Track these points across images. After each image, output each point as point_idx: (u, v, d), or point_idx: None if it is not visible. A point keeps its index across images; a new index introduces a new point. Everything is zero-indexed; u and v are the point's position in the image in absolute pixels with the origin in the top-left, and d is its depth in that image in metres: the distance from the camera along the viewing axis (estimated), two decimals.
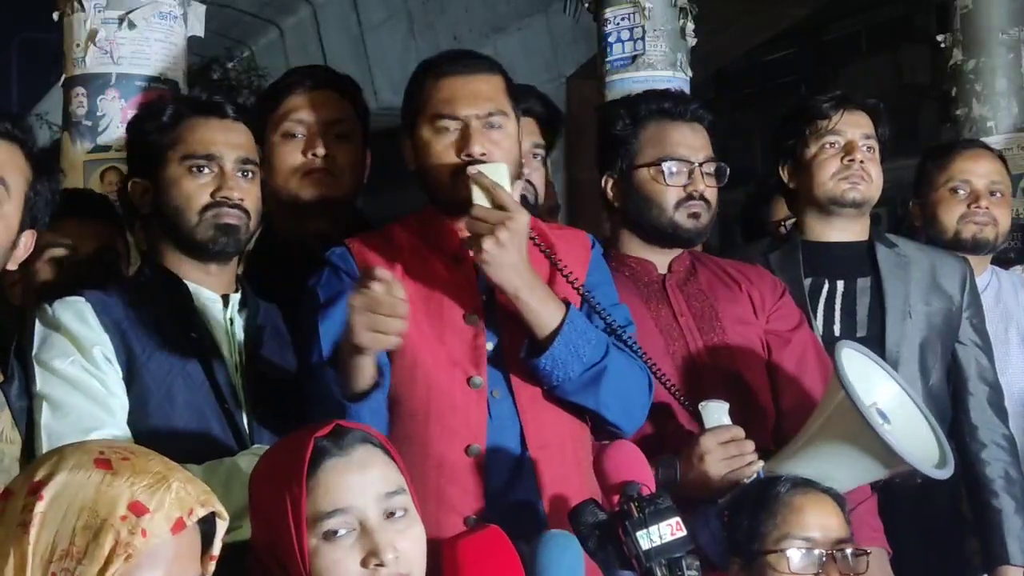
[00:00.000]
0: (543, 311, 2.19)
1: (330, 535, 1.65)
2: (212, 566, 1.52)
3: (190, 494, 1.46)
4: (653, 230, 2.56)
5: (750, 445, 2.32)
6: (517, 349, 2.23)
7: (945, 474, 2.26)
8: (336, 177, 2.60)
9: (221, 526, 1.51)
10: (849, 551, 2.09)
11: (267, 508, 1.70)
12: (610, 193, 2.61)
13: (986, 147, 3.42)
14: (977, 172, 3.25)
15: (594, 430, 2.35)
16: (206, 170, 2.20)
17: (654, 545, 1.88)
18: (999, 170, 3.29)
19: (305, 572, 1.65)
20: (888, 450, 2.17)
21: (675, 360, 2.48)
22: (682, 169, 2.53)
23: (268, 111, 2.64)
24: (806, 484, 2.15)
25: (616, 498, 1.99)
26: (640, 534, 1.89)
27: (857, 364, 2.30)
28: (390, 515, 1.69)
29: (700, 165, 2.53)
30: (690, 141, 2.55)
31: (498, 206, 2.14)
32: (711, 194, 2.55)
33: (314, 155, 2.58)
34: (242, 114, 2.29)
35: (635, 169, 2.56)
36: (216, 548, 1.52)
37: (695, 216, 2.53)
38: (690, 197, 2.52)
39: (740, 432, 2.33)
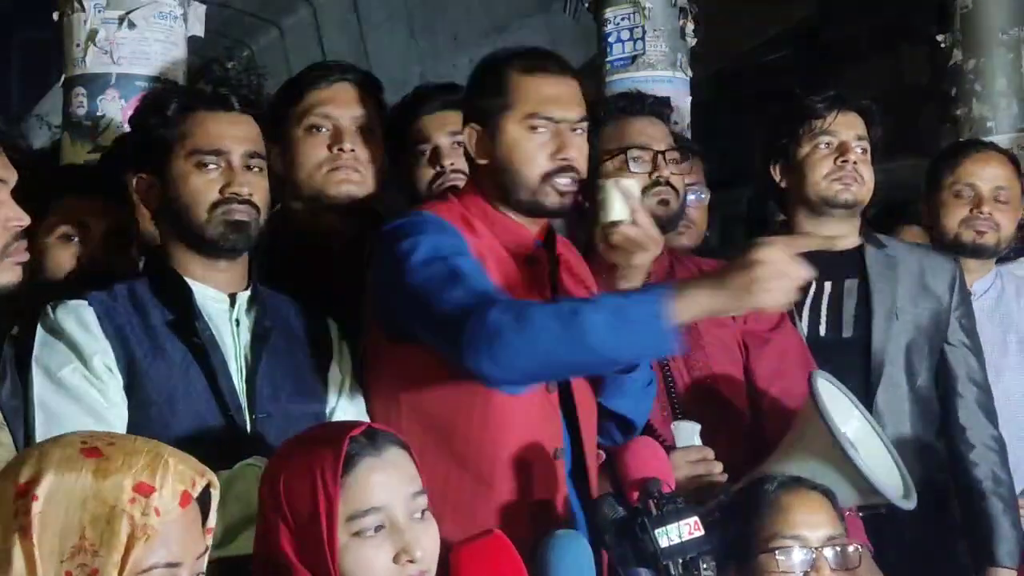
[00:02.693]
0: None
1: (363, 532, 1.69)
2: (209, 539, 1.53)
3: (188, 467, 1.47)
4: None
5: (718, 466, 2.35)
6: None
7: (910, 505, 2.28)
8: (362, 173, 2.58)
9: (215, 496, 1.52)
10: (840, 547, 2.09)
11: (294, 505, 1.71)
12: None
13: (998, 150, 3.41)
14: (983, 176, 3.24)
15: None
16: (214, 165, 2.16)
17: (671, 544, 1.90)
18: (1007, 175, 3.27)
19: (334, 568, 1.67)
20: (864, 480, 2.19)
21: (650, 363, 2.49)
22: (644, 157, 2.57)
23: (289, 105, 2.61)
24: (794, 482, 2.15)
25: (636, 494, 1.99)
26: (658, 532, 1.90)
27: (829, 394, 2.32)
28: (416, 514, 1.74)
29: (663, 153, 2.56)
30: (650, 132, 2.61)
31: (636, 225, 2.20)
32: (677, 181, 2.60)
33: (340, 150, 2.55)
34: (248, 106, 2.24)
35: (600, 164, 2.57)
36: (212, 520, 1.52)
37: (664, 203, 2.56)
38: (656, 183, 2.54)
39: (710, 453, 2.36)
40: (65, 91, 3.26)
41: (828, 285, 2.86)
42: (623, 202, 2.20)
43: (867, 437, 2.38)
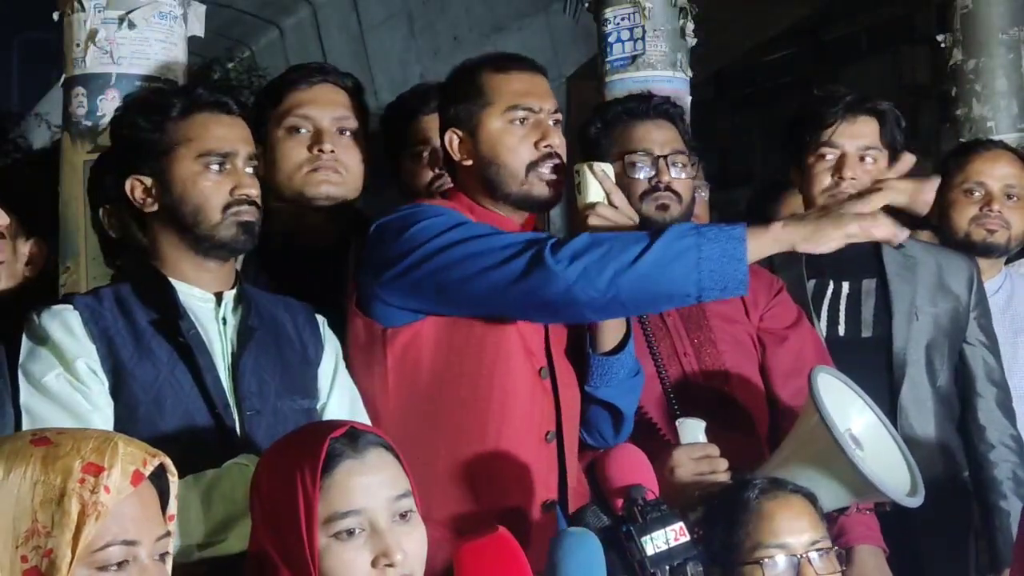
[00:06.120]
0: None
1: (342, 535, 1.69)
2: (172, 526, 1.53)
3: (137, 448, 1.48)
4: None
5: (723, 463, 2.35)
6: (561, 342, 2.33)
7: (916, 502, 2.26)
8: (342, 174, 2.58)
9: (173, 483, 1.53)
10: (824, 549, 2.09)
11: (276, 507, 1.72)
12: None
13: (1008, 149, 3.40)
14: (993, 174, 3.24)
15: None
16: (224, 167, 2.17)
17: (658, 551, 1.90)
18: (1017, 173, 3.27)
19: (314, 570, 1.67)
20: (861, 477, 2.18)
21: (661, 359, 2.49)
22: (644, 162, 2.56)
23: (270, 106, 2.61)
24: (775, 486, 2.14)
25: (620, 502, 1.98)
26: (644, 540, 1.90)
27: (833, 390, 2.30)
28: (398, 517, 1.73)
29: (665, 157, 2.56)
30: (653, 136, 2.60)
31: (613, 206, 2.28)
32: (680, 185, 2.59)
33: (320, 151, 2.56)
34: (242, 110, 2.27)
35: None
36: (172, 507, 1.53)
37: (663, 207, 2.56)
38: (655, 188, 2.55)
39: (714, 450, 2.37)
40: (65, 91, 3.25)
41: (846, 285, 2.86)
42: (598, 184, 2.27)
43: (875, 433, 2.36)
